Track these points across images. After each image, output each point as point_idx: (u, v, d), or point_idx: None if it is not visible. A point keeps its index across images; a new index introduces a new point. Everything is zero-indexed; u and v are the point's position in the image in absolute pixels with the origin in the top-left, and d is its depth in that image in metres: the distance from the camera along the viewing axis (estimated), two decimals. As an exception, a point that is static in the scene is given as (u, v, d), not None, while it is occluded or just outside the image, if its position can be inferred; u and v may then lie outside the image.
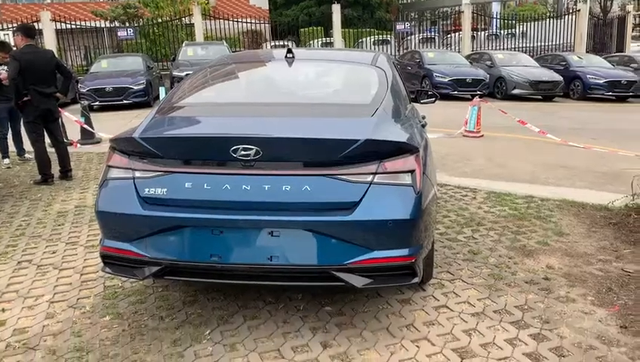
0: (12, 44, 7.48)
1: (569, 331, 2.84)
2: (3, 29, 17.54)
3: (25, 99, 5.89)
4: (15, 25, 10.81)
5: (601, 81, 15.14)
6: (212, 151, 2.67)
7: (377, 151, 2.59)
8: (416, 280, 2.68)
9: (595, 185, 5.92)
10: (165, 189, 2.64)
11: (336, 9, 20.61)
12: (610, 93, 15.14)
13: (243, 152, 2.53)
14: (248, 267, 2.64)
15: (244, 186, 2.57)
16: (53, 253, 4.07)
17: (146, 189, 2.65)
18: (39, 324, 3.00)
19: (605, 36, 23.60)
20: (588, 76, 15.39)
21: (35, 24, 16.13)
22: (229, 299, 3.21)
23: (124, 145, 2.80)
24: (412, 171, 2.60)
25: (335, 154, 2.55)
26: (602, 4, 33.98)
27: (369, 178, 2.55)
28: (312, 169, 2.59)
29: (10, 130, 7.29)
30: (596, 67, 16.01)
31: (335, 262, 2.55)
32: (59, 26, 18.66)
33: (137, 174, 2.70)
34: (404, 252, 2.59)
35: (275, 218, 2.55)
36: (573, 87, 15.75)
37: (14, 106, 6.24)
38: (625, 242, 4.11)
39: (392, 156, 2.59)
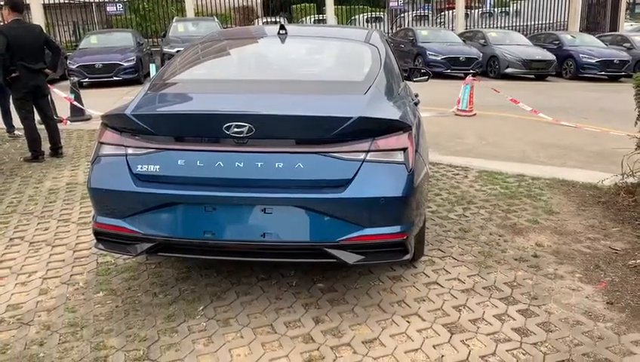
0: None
1: (557, 307, 2.90)
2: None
3: (13, 75, 5.80)
4: (1, -1, 10.58)
5: (594, 61, 15.14)
6: (205, 128, 2.66)
7: (370, 128, 2.59)
8: (407, 257, 2.72)
9: (586, 164, 5.97)
10: (158, 166, 2.63)
11: (329, -15, 20.32)
12: (603, 73, 15.18)
13: (236, 129, 2.52)
14: (241, 244, 2.65)
15: (237, 163, 2.57)
16: (46, 229, 4.07)
17: (139, 166, 2.65)
18: (33, 300, 3.02)
19: (599, 15, 23.48)
20: (581, 55, 15.37)
21: (22, -2, 15.75)
22: (222, 276, 3.24)
23: (116, 122, 2.78)
24: (404, 149, 2.61)
25: (328, 132, 2.55)
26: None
27: (362, 155, 2.56)
28: (304, 146, 2.59)
29: (-1, 106, 7.20)
30: (589, 46, 15.96)
31: (327, 239, 2.57)
32: (46, 1, 18.27)
33: (130, 151, 2.69)
34: (396, 229, 2.61)
35: (268, 195, 2.56)
36: (566, 66, 15.73)
37: (3, 83, 6.15)
38: (613, 220, 4.16)
39: (385, 134, 2.60)
